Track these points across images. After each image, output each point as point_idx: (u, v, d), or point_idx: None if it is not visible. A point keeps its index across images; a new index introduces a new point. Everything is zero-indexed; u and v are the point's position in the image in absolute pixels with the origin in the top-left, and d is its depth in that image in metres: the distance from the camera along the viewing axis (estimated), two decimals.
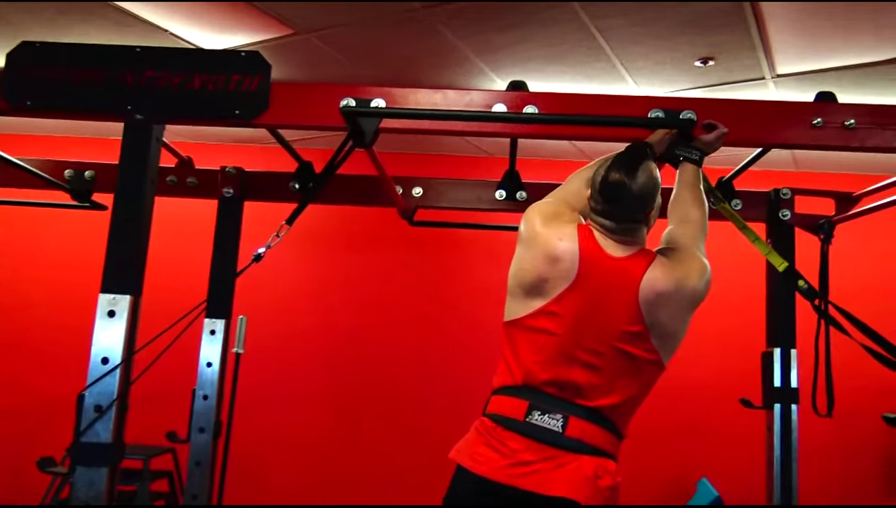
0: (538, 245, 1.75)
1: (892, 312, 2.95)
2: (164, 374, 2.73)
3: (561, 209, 1.85)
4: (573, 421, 1.66)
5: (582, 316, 1.70)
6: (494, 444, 1.68)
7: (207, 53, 2.44)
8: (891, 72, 3.45)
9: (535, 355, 1.71)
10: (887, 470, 4.75)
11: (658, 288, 1.71)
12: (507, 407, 1.71)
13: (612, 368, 1.70)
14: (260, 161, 3.60)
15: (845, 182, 3.70)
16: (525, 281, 1.75)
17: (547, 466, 1.63)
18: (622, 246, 1.77)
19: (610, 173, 1.75)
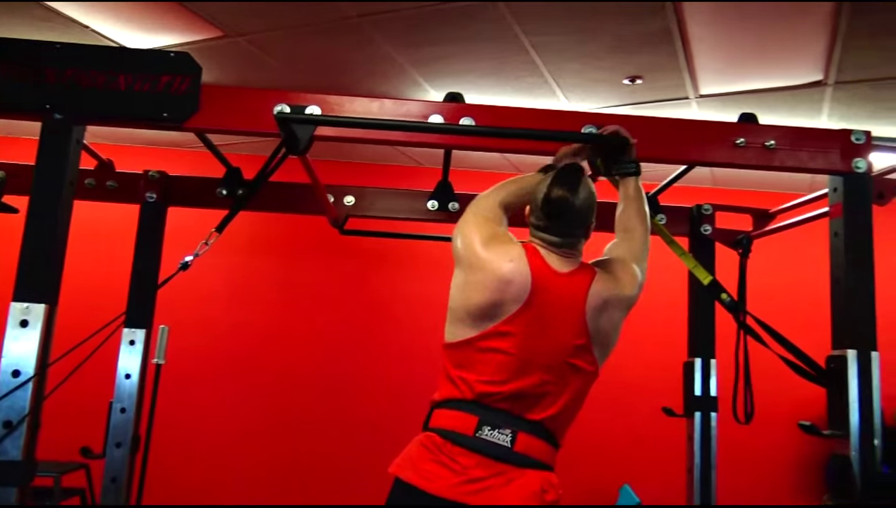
0: (487, 270, 1.72)
1: (806, 323, 3.10)
2: (78, 386, 2.60)
3: (493, 228, 1.83)
4: (521, 436, 1.68)
5: (534, 333, 1.71)
6: (445, 461, 1.66)
7: (134, 53, 2.34)
8: (803, 95, 3.64)
9: (487, 374, 1.70)
10: (799, 475, 4.98)
11: (601, 301, 1.75)
12: (456, 422, 1.70)
13: (560, 382, 1.72)
14: (184, 165, 3.49)
15: (761, 199, 3.88)
16: (476, 307, 1.71)
17: (498, 482, 1.63)
18: (566, 259, 1.80)
19: (553, 190, 1.79)
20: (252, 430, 4.88)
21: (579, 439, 4.83)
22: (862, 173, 2.13)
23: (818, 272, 2.80)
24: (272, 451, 4.87)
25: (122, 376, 2.86)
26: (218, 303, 5.00)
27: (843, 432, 1.94)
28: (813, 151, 2.17)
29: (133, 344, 2.89)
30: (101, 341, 2.03)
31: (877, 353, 1.99)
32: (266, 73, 3.74)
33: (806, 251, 4.32)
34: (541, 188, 1.82)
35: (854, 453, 1.90)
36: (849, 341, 2.01)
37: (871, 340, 2.00)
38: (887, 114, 3.83)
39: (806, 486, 4.95)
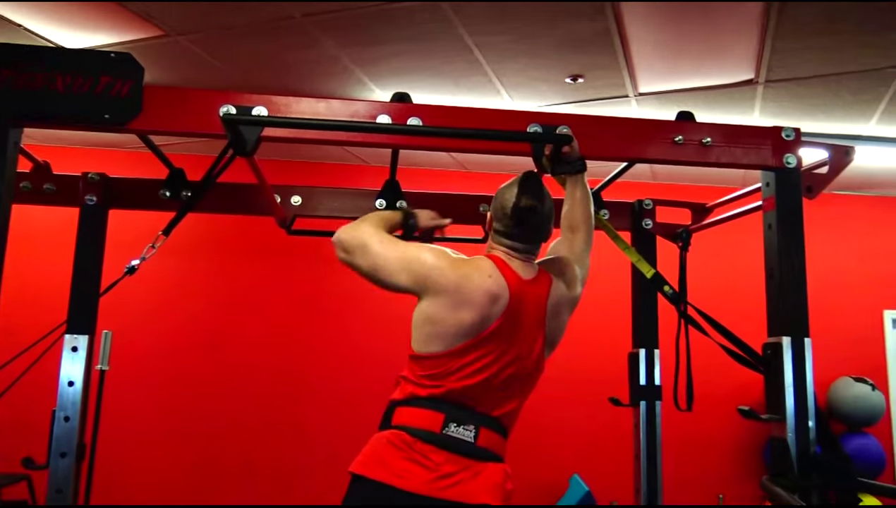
0: (472, 288, 1.74)
1: (743, 312, 3.22)
2: (18, 395, 2.53)
3: (444, 252, 1.83)
4: (483, 431, 1.74)
5: (509, 341, 1.77)
6: (417, 458, 1.69)
7: (73, 53, 2.28)
8: (736, 93, 3.78)
9: (459, 380, 1.74)
10: (739, 457, 5.18)
11: (557, 306, 1.86)
12: (423, 420, 1.73)
13: (521, 382, 1.82)
14: (125, 166, 3.42)
15: (698, 193, 4.00)
16: (468, 325, 1.73)
17: (466, 476, 1.69)
18: (528, 265, 1.87)
19: (521, 198, 1.85)
20: (200, 435, 4.81)
21: (530, 431, 4.90)
22: (792, 168, 2.23)
23: (754, 263, 2.93)
24: (221, 456, 4.80)
25: (66, 383, 2.77)
26: (163, 307, 4.90)
27: (779, 415, 2.03)
28: (747, 148, 2.26)
29: (76, 351, 2.80)
30: (44, 349, 1.98)
31: (809, 340, 2.09)
32: (208, 73, 3.68)
33: (742, 243, 4.48)
34: (507, 196, 1.88)
35: (790, 435, 2.00)
36: (783, 328, 2.11)
37: (804, 327, 2.10)
38: (813, 111, 4.01)
39: (746, 468, 5.16)
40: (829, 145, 2.37)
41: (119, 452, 4.30)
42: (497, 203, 1.90)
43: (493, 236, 1.91)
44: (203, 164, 2.64)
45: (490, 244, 1.93)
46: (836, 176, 2.36)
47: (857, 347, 5.36)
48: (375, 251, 1.83)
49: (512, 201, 1.86)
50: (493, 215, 1.91)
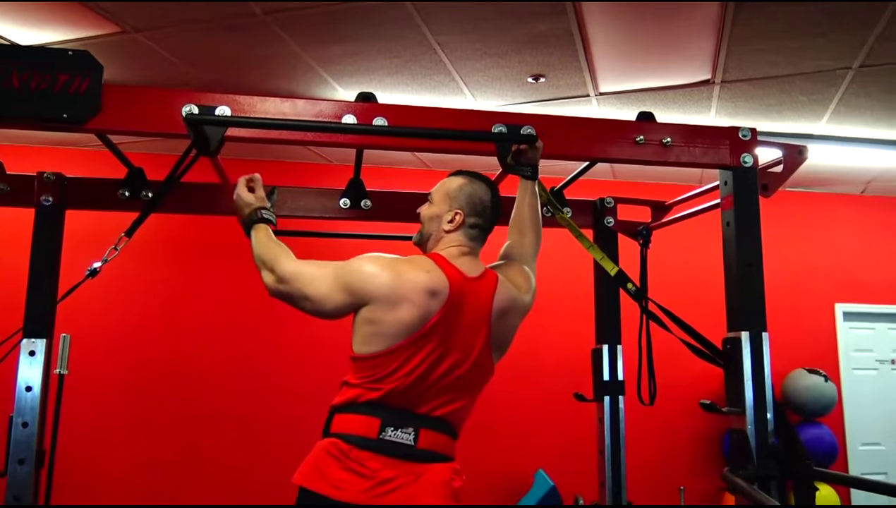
0: (409, 287, 1.72)
1: (702, 307, 3.29)
2: None
3: (373, 256, 1.81)
4: (424, 432, 1.72)
5: (447, 337, 1.75)
6: (354, 467, 1.67)
7: (28, 50, 2.23)
8: (693, 93, 3.86)
9: (396, 380, 1.72)
10: (699, 449, 5.29)
11: (503, 308, 1.85)
12: (359, 426, 1.71)
13: (465, 382, 1.79)
14: (82, 165, 3.35)
15: (658, 190, 4.08)
16: (408, 324, 1.71)
17: (406, 480, 1.67)
18: (474, 263, 1.87)
19: (495, 192, 1.93)
20: (161, 437, 4.73)
21: (495, 427, 4.97)
22: (749, 167, 2.30)
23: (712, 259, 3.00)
24: (183, 458, 4.73)
25: (23, 388, 2.70)
26: (121, 309, 4.81)
27: (739, 408, 2.09)
28: (705, 147, 2.32)
29: (33, 355, 2.74)
30: (3, 355, 1.93)
31: (767, 334, 2.15)
32: (167, 71, 3.62)
33: (700, 239, 4.58)
34: (478, 191, 1.90)
35: (749, 427, 2.06)
36: (742, 324, 2.17)
37: (762, 322, 2.16)
38: (767, 111, 4.12)
39: (705, 459, 5.27)
40: (783, 145, 2.44)
41: (79, 457, 4.21)
42: (467, 199, 1.88)
43: (454, 235, 1.87)
44: (163, 163, 2.60)
45: (439, 244, 1.88)
46: (791, 174, 2.43)
47: (810, 340, 5.53)
48: (309, 286, 1.78)
49: (489, 195, 1.91)
50: (463, 213, 1.87)
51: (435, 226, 1.90)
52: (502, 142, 2.11)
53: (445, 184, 1.94)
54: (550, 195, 2.40)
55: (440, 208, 1.90)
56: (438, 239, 1.89)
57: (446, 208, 1.89)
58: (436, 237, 1.90)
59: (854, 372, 5.68)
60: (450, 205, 1.89)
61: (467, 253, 1.86)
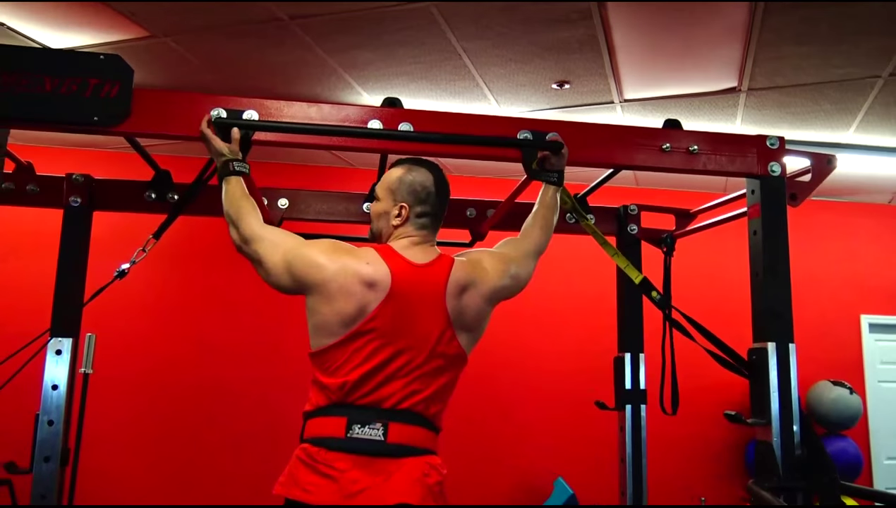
0: (347, 277, 1.73)
1: (727, 316, 3.26)
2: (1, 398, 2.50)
3: (324, 242, 1.84)
4: (393, 426, 1.70)
5: (397, 326, 1.74)
6: (322, 469, 1.67)
7: (60, 54, 2.26)
8: (719, 101, 3.83)
9: (353, 373, 1.72)
10: (720, 459, 5.24)
11: (459, 287, 1.80)
12: (326, 428, 1.71)
13: (427, 370, 1.76)
14: (109, 167, 3.38)
15: (681, 198, 4.05)
16: (346, 314, 1.72)
17: (378, 479, 1.66)
18: (428, 250, 1.86)
19: (437, 175, 1.89)
20: (184, 438, 4.77)
21: (515, 434, 4.95)
22: (777, 176, 2.27)
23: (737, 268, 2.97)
24: (205, 459, 4.77)
25: (49, 387, 2.74)
26: (146, 310, 4.85)
27: (765, 420, 2.06)
28: (732, 156, 2.30)
29: (59, 354, 2.78)
30: (31, 355, 1.96)
31: (794, 345, 2.13)
32: (194, 75, 3.66)
33: (725, 248, 4.54)
34: (419, 179, 1.87)
35: (775, 439, 2.03)
36: (768, 334, 2.14)
37: (789, 333, 2.13)
38: (794, 120, 4.08)
39: (727, 469, 5.21)
40: (812, 154, 2.42)
41: (102, 456, 4.25)
42: (409, 190, 1.86)
43: (403, 228, 1.86)
44: (188, 165, 2.62)
45: (391, 238, 1.87)
46: (819, 183, 2.40)
47: (836, 351, 5.45)
48: (263, 253, 1.84)
49: (430, 179, 1.88)
50: (408, 204, 1.85)
51: (384, 222, 1.89)
52: (528, 149, 2.11)
53: (387, 178, 1.92)
54: (575, 202, 2.39)
55: (386, 204, 1.89)
56: (389, 233, 1.88)
57: (391, 203, 1.87)
58: (386, 232, 1.89)
59: (880, 384, 5.59)
60: (394, 200, 1.87)
61: (419, 242, 1.85)
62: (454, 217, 3.14)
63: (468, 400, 4.97)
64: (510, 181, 2.78)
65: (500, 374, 5.04)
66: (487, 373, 4.99)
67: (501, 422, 5.01)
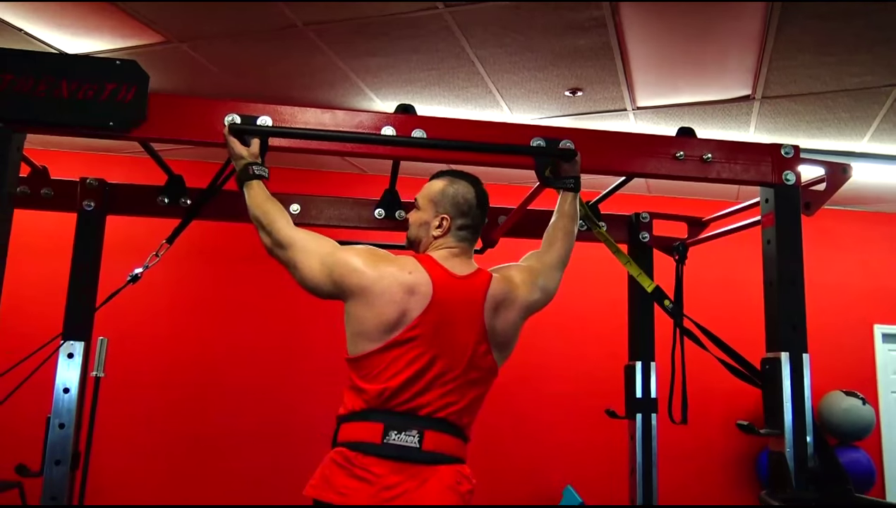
0: (389, 284, 1.74)
1: (739, 325, 3.24)
2: (11, 401, 2.51)
3: (366, 250, 1.85)
4: (428, 434, 1.71)
5: (437, 336, 1.75)
6: (359, 473, 1.68)
7: (77, 59, 2.29)
8: (733, 109, 3.82)
9: (393, 380, 1.73)
10: (732, 468, 5.20)
11: (496, 303, 1.83)
12: (363, 433, 1.72)
13: (463, 381, 1.77)
14: (122, 171, 3.40)
15: (693, 206, 4.03)
16: (387, 321, 1.73)
17: (412, 485, 1.67)
18: (466, 262, 1.88)
19: (478, 188, 1.92)
20: (195, 441, 4.78)
21: (524, 441, 4.94)
22: (791, 185, 2.26)
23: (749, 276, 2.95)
24: (216, 462, 4.77)
25: (61, 390, 2.75)
26: (158, 314, 4.87)
27: (778, 430, 2.04)
28: (746, 164, 2.28)
29: (71, 357, 2.79)
30: (44, 358, 1.97)
31: (807, 355, 2.11)
32: (208, 80, 3.68)
33: (738, 256, 4.51)
34: (461, 191, 1.90)
35: (788, 450, 2.01)
36: (782, 344, 2.12)
37: (803, 343, 2.12)
38: (808, 128, 4.05)
39: (739, 479, 5.17)
40: (827, 163, 2.40)
41: (113, 459, 4.26)
42: (452, 202, 1.89)
43: (444, 239, 1.87)
44: (201, 170, 2.64)
45: (430, 247, 1.88)
46: (834, 192, 2.39)
47: (848, 361, 5.40)
48: (299, 258, 1.84)
49: (472, 193, 1.91)
50: (450, 216, 1.87)
51: (424, 231, 1.91)
52: (541, 157, 2.11)
53: (429, 189, 1.94)
54: (588, 209, 2.38)
55: (427, 214, 1.91)
56: (428, 243, 1.90)
57: (433, 214, 1.90)
58: (426, 242, 1.91)
59: (893, 395, 5.54)
60: (436, 211, 1.89)
61: (458, 254, 1.87)
62: None
63: None
64: (522, 188, 2.77)
65: (511, 382, 5.00)
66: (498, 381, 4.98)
67: (511, 429, 4.99)
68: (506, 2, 2.84)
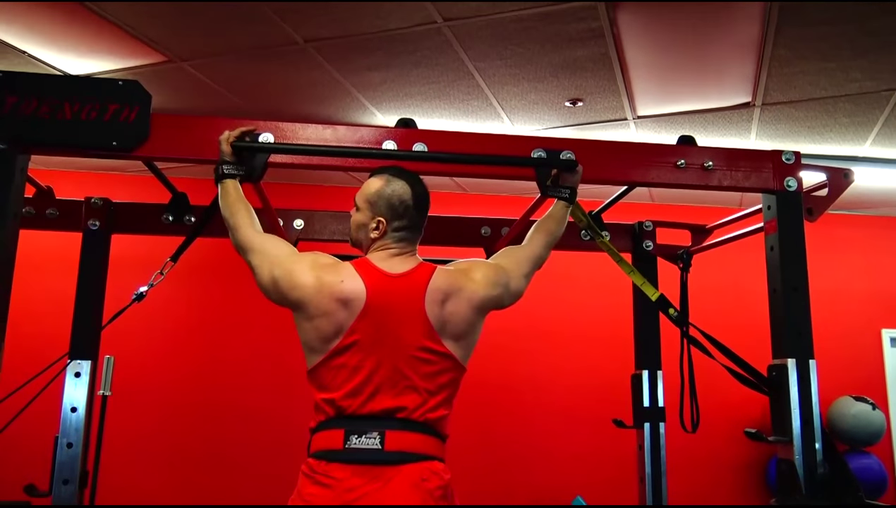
0: (323, 295, 1.75)
1: (743, 331, 3.23)
2: (19, 421, 2.51)
3: (306, 257, 1.85)
4: (389, 434, 1.71)
5: (378, 336, 1.75)
6: (321, 479, 1.69)
7: (80, 81, 2.31)
8: (733, 116, 3.82)
9: (342, 387, 1.74)
10: (741, 475, 5.16)
11: (441, 294, 1.80)
12: (326, 441, 1.74)
13: (415, 377, 1.76)
14: (126, 190, 3.42)
15: (696, 213, 4.03)
16: (325, 332, 1.75)
17: (375, 486, 1.67)
18: (407, 260, 1.85)
19: (415, 186, 1.87)
20: (203, 460, 4.77)
21: (533, 451, 4.92)
22: (793, 191, 2.26)
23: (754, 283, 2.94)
24: (224, 480, 4.76)
25: (68, 409, 2.76)
26: (163, 331, 4.88)
27: (786, 437, 2.04)
28: (748, 171, 2.29)
29: (78, 377, 2.80)
30: (51, 378, 1.97)
31: (814, 361, 2.10)
32: (211, 98, 3.70)
33: (742, 263, 4.50)
34: (397, 191, 1.84)
35: (797, 457, 2.00)
36: (788, 350, 2.12)
37: (809, 349, 2.11)
38: (809, 134, 4.05)
39: (748, 486, 5.13)
40: (828, 168, 2.40)
41: (121, 478, 4.26)
42: (387, 204, 1.84)
43: (382, 241, 1.85)
44: (204, 187, 2.64)
45: (371, 248, 1.87)
46: (837, 198, 2.39)
47: (857, 366, 5.37)
48: (255, 263, 1.89)
49: (409, 193, 1.85)
50: (385, 220, 1.84)
51: (363, 233, 1.89)
52: (542, 168, 2.12)
53: (366, 189, 1.89)
54: (590, 219, 2.39)
55: (364, 216, 1.88)
56: (369, 245, 1.88)
57: (370, 216, 1.87)
58: (366, 243, 1.89)
59: None
60: (372, 213, 1.86)
61: (396, 253, 1.85)
62: (469, 235, 3.15)
63: (486, 417, 4.96)
64: (524, 198, 2.78)
65: (518, 391, 5.02)
66: (505, 390, 4.97)
67: (519, 439, 4.97)
68: (504, 14, 2.85)
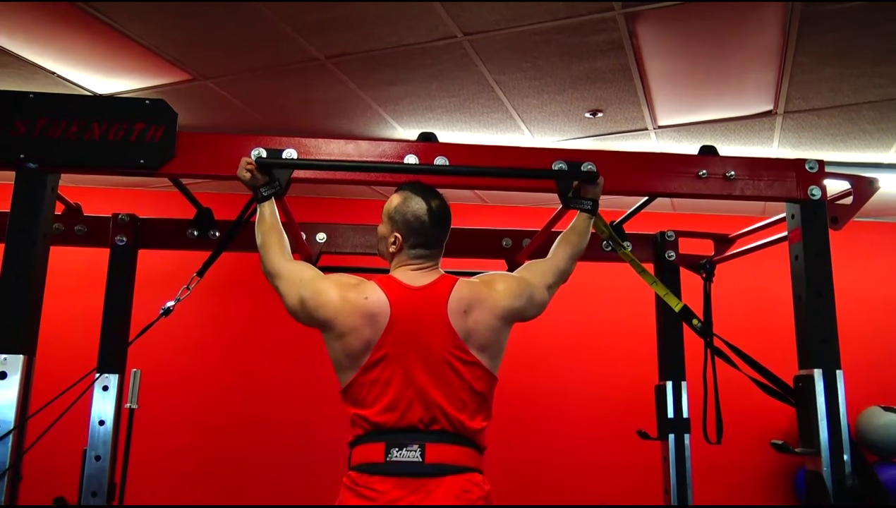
0: (348, 313, 1.77)
1: (770, 341, 3.20)
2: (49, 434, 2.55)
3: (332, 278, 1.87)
4: (430, 447, 1.73)
5: (406, 350, 1.76)
6: (363, 492, 1.71)
7: (108, 101, 2.35)
8: (755, 125, 3.80)
9: (377, 403, 1.76)
10: (768, 486, 5.09)
11: (463, 304, 1.81)
12: (367, 454, 1.75)
13: (447, 387, 1.77)
14: (152, 206, 3.47)
15: (719, 222, 4.01)
16: (355, 350, 1.78)
17: (417, 497, 1.68)
18: (428, 273, 1.87)
19: (431, 201, 1.87)
20: (229, 473, 4.80)
21: (556, 462, 4.89)
22: (818, 200, 2.24)
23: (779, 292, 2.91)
24: (250, 495, 4.79)
25: (96, 422, 2.81)
26: (190, 345, 4.93)
27: (813, 449, 2.01)
28: (770, 180, 2.28)
29: (106, 390, 2.85)
30: (81, 392, 2.01)
31: (841, 372, 2.08)
32: (235, 115, 3.76)
33: (766, 272, 4.46)
34: (413, 207, 1.86)
35: (825, 468, 1.98)
36: (814, 361, 2.10)
37: (836, 359, 2.09)
38: (832, 141, 4.02)
39: (777, 497, 5.06)
40: (852, 176, 2.38)
41: (148, 490, 4.30)
42: (403, 221, 1.86)
43: (400, 256, 1.88)
44: (229, 202, 2.69)
45: (394, 262, 1.90)
46: (862, 206, 2.36)
47: (885, 375, 5.28)
48: (283, 289, 1.93)
49: (423, 208, 1.86)
50: (401, 236, 1.86)
51: (384, 246, 1.93)
52: (563, 180, 2.12)
53: (388, 204, 1.92)
54: (611, 230, 2.38)
55: (385, 230, 1.92)
56: (390, 259, 1.92)
57: (389, 230, 1.90)
58: (388, 257, 1.93)
59: None
60: (391, 228, 1.89)
61: (417, 268, 1.87)
62: (490, 247, 3.16)
63: (509, 426, 4.93)
64: (546, 210, 2.78)
65: (541, 402, 4.99)
66: (529, 401, 4.95)
67: (543, 452, 4.95)
68: (523, 28, 2.87)
